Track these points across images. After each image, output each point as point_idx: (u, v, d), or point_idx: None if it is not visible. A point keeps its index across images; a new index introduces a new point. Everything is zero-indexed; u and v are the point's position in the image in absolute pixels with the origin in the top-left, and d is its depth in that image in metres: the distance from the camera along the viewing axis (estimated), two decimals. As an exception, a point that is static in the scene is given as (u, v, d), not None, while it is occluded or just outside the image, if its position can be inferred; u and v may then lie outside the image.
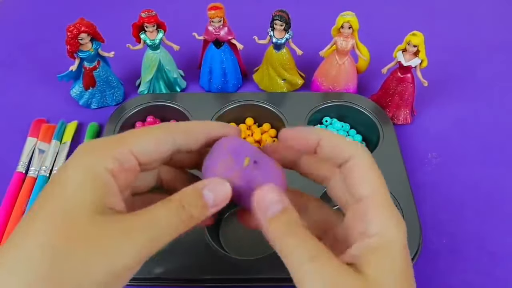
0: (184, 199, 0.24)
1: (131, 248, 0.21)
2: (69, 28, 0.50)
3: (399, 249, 0.22)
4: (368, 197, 0.23)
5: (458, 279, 0.43)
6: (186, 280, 0.40)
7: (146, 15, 0.52)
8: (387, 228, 0.22)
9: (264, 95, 0.57)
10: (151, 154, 0.24)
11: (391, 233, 0.22)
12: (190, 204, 0.24)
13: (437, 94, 0.60)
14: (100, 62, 0.55)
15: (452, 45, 0.68)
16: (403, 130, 0.56)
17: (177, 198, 0.24)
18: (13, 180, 0.49)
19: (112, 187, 0.23)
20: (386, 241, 0.22)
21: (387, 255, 0.22)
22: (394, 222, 0.22)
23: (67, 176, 0.22)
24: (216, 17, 0.53)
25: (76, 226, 0.21)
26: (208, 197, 0.24)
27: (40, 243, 0.20)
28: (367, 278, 0.21)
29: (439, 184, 0.51)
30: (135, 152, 0.24)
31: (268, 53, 0.57)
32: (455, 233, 0.46)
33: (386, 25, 0.71)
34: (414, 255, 0.41)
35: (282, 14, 0.52)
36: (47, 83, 0.61)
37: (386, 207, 0.23)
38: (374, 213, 0.23)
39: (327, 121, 0.55)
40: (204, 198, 0.24)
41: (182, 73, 0.62)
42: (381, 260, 0.22)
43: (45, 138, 0.53)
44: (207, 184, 0.24)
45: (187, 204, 0.23)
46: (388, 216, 0.23)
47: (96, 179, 0.22)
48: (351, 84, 0.57)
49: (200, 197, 0.24)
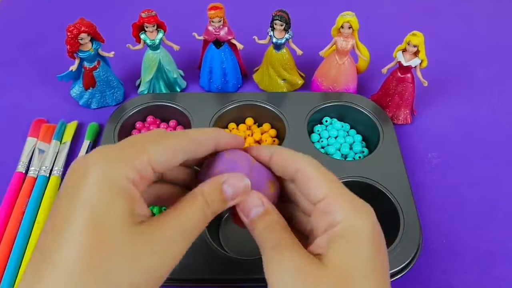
0: (208, 195, 0.25)
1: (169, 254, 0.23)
2: (69, 28, 0.50)
3: (365, 237, 0.23)
4: (326, 195, 0.25)
5: (458, 279, 0.43)
6: (186, 280, 0.40)
7: (146, 15, 0.52)
8: (350, 217, 0.24)
9: (264, 95, 0.57)
10: (165, 163, 0.25)
11: (355, 221, 0.23)
12: (213, 200, 0.25)
13: (437, 94, 0.60)
14: (100, 62, 0.55)
15: (452, 45, 0.68)
16: (403, 130, 0.56)
17: (200, 195, 0.25)
18: (13, 180, 0.49)
19: (136, 196, 0.23)
20: (350, 229, 0.23)
21: (350, 242, 0.23)
22: (357, 212, 0.24)
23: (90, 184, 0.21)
24: (216, 17, 0.53)
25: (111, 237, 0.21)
26: (228, 191, 0.25)
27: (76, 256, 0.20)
28: (328, 264, 0.22)
29: (439, 184, 0.51)
30: (152, 161, 0.24)
31: (268, 53, 0.57)
32: (455, 233, 0.46)
33: (386, 25, 0.71)
34: (414, 255, 0.41)
35: (282, 14, 0.52)
36: (47, 83, 0.61)
37: (347, 200, 0.25)
38: (335, 206, 0.24)
39: (327, 121, 0.55)
40: (225, 193, 0.25)
41: (182, 73, 0.62)
42: (342, 247, 0.23)
43: (45, 138, 0.53)
44: (227, 179, 0.25)
45: (211, 200, 0.25)
46: (350, 207, 0.24)
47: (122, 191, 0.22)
48: (351, 84, 0.57)
49: (221, 192, 0.25)
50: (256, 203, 0.26)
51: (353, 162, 0.50)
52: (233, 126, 0.55)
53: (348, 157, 0.52)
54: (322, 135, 0.54)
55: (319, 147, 0.52)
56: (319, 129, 0.54)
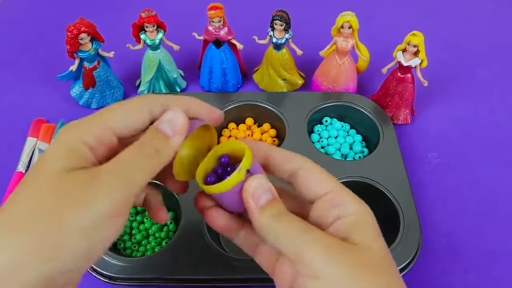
0: (143, 138, 0.25)
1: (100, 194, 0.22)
2: (69, 28, 0.50)
3: (371, 218, 0.26)
4: (332, 189, 0.27)
5: (458, 279, 0.43)
6: (186, 280, 0.40)
7: (146, 15, 0.52)
8: (360, 207, 0.26)
9: (264, 95, 0.57)
10: (131, 125, 0.25)
11: (362, 208, 0.26)
12: (151, 139, 0.25)
13: (437, 94, 0.60)
14: (100, 62, 0.55)
15: (452, 45, 0.68)
16: (403, 130, 0.56)
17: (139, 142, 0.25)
18: (13, 180, 0.49)
19: (86, 155, 0.23)
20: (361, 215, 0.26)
21: (366, 225, 0.26)
22: (361, 202, 0.26)
23: (49, 150, 0.24)
24: (216, 17, 0.53)
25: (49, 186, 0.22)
26: (165, 129, 0.25)
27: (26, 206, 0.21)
28: (355, 242, 0.24)
29: (439, 184, 0.51)
30: (114, 127, 0.24)
31: (268, 53, 0.57)
32: (455, 233, 0.46)
33: (386, 25, 0.71)
34: (414, 255, 0.41)
35: (282, 14, 0.52)
36: (47, 83, 0.61)
37: (350, 193, 0.27)
38: (344, 198, 0.26)
39: (327, 121, 0.55)
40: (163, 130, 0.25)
41: (182, 73, 0.62)
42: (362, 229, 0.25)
43: (45, 138, 0.53)
44: (160, 119, 0.25)
45: (147, 140, 0.24)
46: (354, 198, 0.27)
47: (72, 150, 0.23)
48: (351, 84, 0.57)
49: (157, 132, 0.25)
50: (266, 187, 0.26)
51: (353, 162, 0.50)
52: (233, 126, 0.55)
53: (348, 157, 0.52)
54: (322, 135, 0.54)
55: (319, 147, 0.52)
56: (319, 129, 0.54)
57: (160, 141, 0.25)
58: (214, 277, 0.40)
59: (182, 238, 0.42)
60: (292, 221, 0.25)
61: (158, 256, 0.41)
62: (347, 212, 0.26)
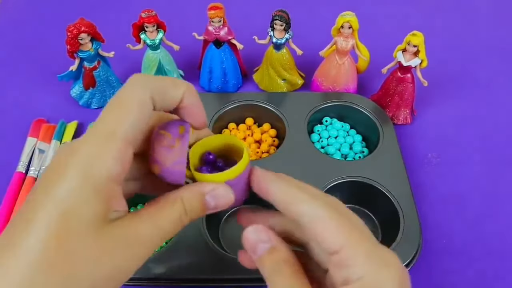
0: (187, 202, 0.24)
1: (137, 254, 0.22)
2: (69, 28, 0.50)
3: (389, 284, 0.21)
4: (343, 246, 0.22)
5: (458, 279, 0.43)
6: (186, 280, 0.40)
7: (146, 15, 0.52)
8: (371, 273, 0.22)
9: (264, 95, 0.57)
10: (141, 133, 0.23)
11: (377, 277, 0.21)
12: (192, 210, 0.24)
13: (437, 94, 0.60)
14: (100, 62, 0.55)
15: (451, 45, 0.68)
16: (403, 130, 0.56)
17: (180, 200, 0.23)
18: (13, 180, 0.49)
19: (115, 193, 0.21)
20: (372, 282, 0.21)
21: None
22: (379, 265, 0.22)
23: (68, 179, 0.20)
24: (216, 17, 0.53)
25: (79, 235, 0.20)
26: (209, 203, 0.24)
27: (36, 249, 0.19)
28: None
29: (439, 184, 0.51)
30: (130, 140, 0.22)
31: (268, 53, 0.57)
32: (455, 233, 0.46)
33: (386, 24, 0.71)
34: (414, 255, 0.41)
35: (282, 14, 0.52)
36: (47, 83, 0.61)
37: (367, 250, 0.22)
38: (354, 259, 0.22)
39: (327, 121, 0.55)
40: (207, 205, 0.24)
41: (182, 73, 0.62)
42: None
43: (45, 138, 0.53)
44: (210, 191, 0.24)
45: (190, 209, 0.24)
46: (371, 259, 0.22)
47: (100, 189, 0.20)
48: (351, 84, 0.57)
49: (203, 205, 0.24)
50: (262, 238, 0.25)
51: (353, 162, 0.50)
52: (233, 126, 0.55)
53: (348, 157, 0.52)
54: (322, 135, 0.54)
55: (319, 147, 0.52)
56: (319, 129, 0.54)
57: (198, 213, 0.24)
58: (214, 277, 0.40)
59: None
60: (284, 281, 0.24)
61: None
62: (355, 276, 0.22)
